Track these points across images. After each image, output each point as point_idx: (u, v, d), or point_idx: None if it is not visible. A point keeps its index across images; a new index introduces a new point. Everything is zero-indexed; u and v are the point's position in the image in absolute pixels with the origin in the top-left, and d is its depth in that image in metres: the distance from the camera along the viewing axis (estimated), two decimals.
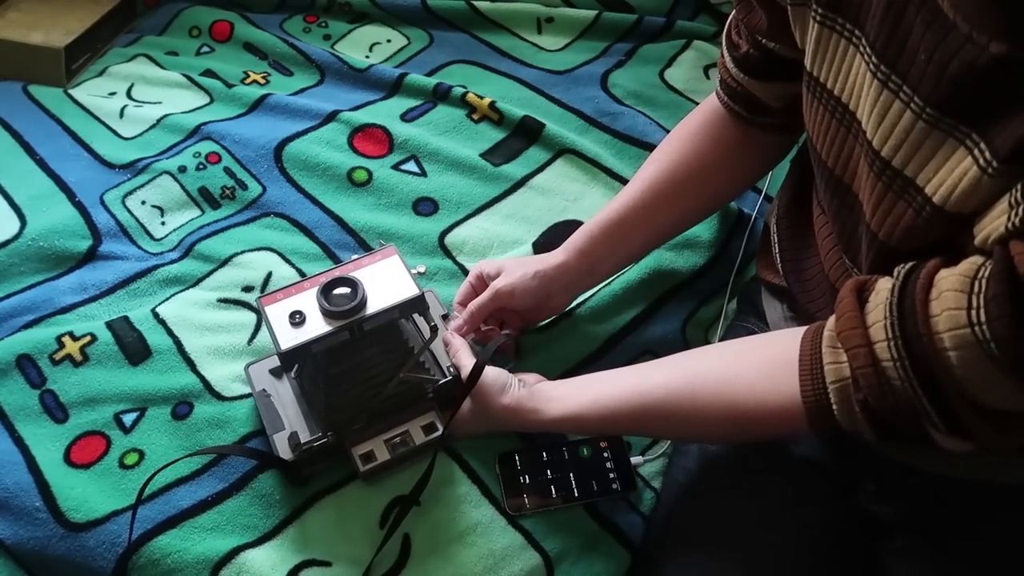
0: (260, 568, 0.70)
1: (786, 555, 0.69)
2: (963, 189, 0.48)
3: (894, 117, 0.52)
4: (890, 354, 0.50)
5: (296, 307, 0.69)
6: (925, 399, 0.50)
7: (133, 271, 0.92)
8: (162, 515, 0.72)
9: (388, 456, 0.74)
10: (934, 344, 0.48)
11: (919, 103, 0.50)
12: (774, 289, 0.81)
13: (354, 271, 0.71)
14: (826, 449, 0.75)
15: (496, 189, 1.02)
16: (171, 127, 1.08)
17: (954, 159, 0.49)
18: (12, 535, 0.71)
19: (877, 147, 0.54)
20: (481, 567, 0.71)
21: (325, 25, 1.29)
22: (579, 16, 1.27)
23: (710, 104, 0.82)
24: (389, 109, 1.11)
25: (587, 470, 0.77)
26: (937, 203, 0.50)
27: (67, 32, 1.19)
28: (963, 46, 0.46)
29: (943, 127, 0.49)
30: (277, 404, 0.76)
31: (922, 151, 0.51)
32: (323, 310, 0.68)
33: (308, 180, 1.01)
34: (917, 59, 0.49)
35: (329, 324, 0.68)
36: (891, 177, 0.54)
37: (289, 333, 0.67)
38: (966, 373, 0.47)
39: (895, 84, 0.52)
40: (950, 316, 0.47)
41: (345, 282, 0.70)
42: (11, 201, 0.98)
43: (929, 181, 0.51)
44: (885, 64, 0.52)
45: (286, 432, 0.74)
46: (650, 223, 0.84)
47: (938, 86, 0.48)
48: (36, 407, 0.80)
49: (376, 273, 0.71)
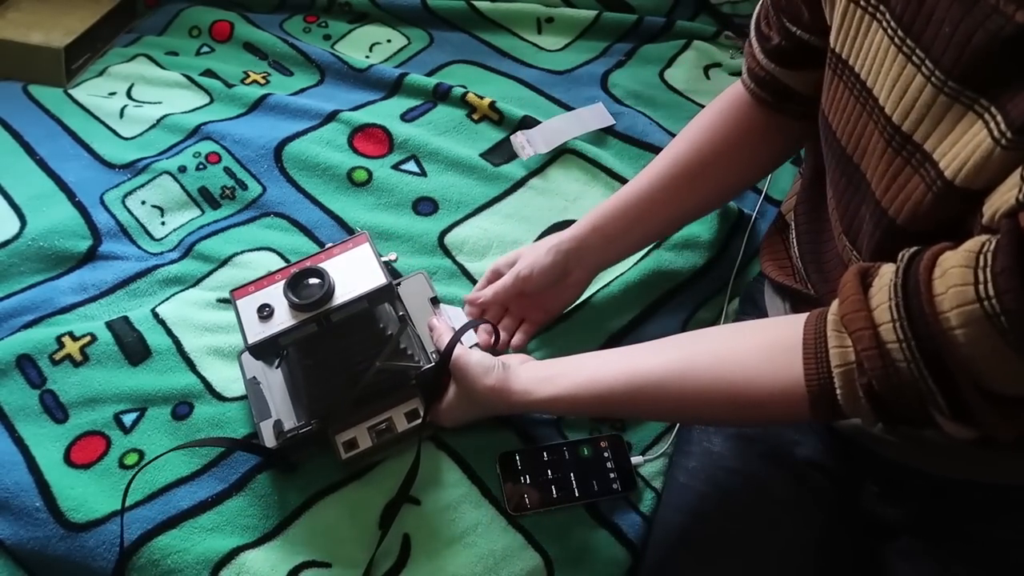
0: (260, 569, 0.70)
1: (789, 556, 0.69)
2: (975, 162, 0.48)
3: (915, 91, 0.52)
4: (895, 335, 0.50)
5: (265, 300, 0.68)
6: (931, 380, 0.49)
7: (133, 271, 0.92)
8: (162, 515, 0.72)
9: (371, 443, 0.74)
10: (940, 323, 0.47)
11: (940, 76, 0.50)
12: (778, 287, 0.81)
13: (324, 261, 0.70)
14: (828, 450, 0.75)
15: (496, 189, 1.02)
16: (171, 127, 1.08)
17: (971, 132, 0.49)
18: (12, 535, 0.71)
19: (898, 121, 0.54)
20: (481, 567, 0.71)
21: (325, 25, 1.29)
22: (579, 16, 1.27)
23: (735, 90, 0.81)
24: (389, 109, 1.11)
25: (587, 470, 0.77)
26: (948, 177, 0.50)
27: (67, 32, 1.19)
28: (989, 16, 0.46)
29: (964, 100, 0.49)
30: (266, 392, 0.77)
31: (942, 125, 0.51)
32: (291, 303, 0.67)
33: (308, 180, 1.01)
34: (941, 31, 0.49)
35: (296, 317, 0.67)
36: (911, 152, 0.53)
37: (257, 327, 0.67)
38: (974, 351, 0.47)
39: (918, 57, 0.52)
40: (956, 293, 0.46)
41: (313, 273, 0.68)
42: (11, 201, 0.98)
43: (945, 154, 0.51)
44: (909, 37, 0.52)
45: (272, 420, 0.74)
46: (669, 203, 0.83)
47: (961, 58, 0.48)
48: (36, 407, 0.80)
49: (345, 263, 0.70)
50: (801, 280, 0.78)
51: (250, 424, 0.78)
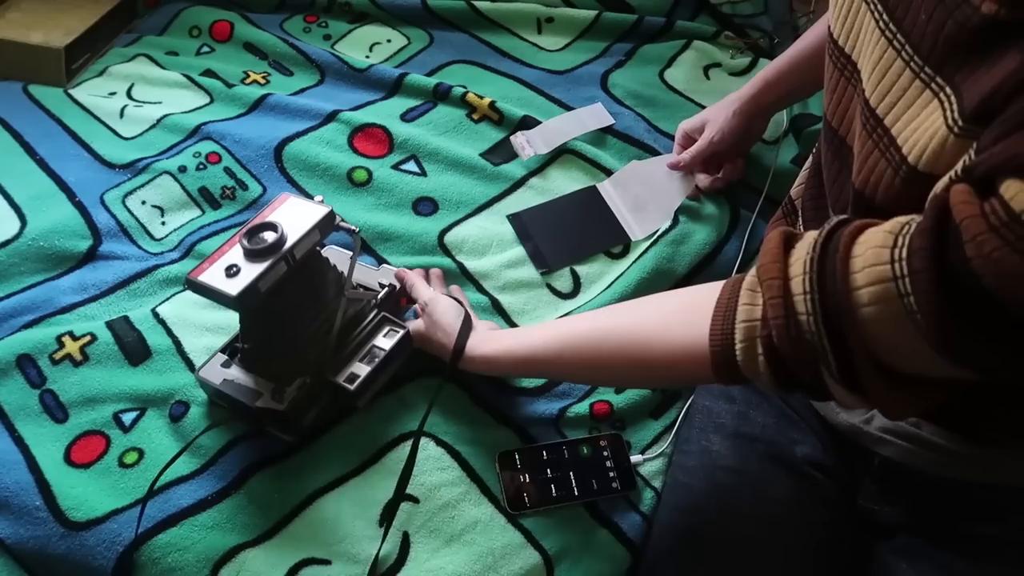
0: (260, 566, 0.70)
1: (788, 555, 0.69)
2: (933, 148, 0.48)
3: (893, 75, 0.53)
4: (805, 308, 0.50)
5: (227, 263, 0.70)
6: (829, 350, 0.49)
7: (133, 271, 0.92)
8: (162, 513, 0.72)
9: (368, 368, 0.78)
10: (851, 299, 0.48)
11: (918, 62, 0.51)
12: None
13: (262, 219, 0.74)
14: (828, 449, 0.75)
15: (496, 188, 1.02)
16: (171, 127, 1.08)
17: (931, 118, 0.49)
18: (12, 534, 0.71)
19: (874, 104, 0.55)
20: (481, 566, 0.71)
21: (325, 25, 1.29)
22: (579, 16, 1.27)
23: None
24: (389, 109, 1.11)
25: (587, 469, 0.77)
26: (911, 162, 0.50)
27: (67, 32, 1.19)
28: (959, 6, 0.47)
29: (933, 87, 0.50)
30: (242, 384, 0.78)
31: (911, 109, 0.51)
32: (253, 253, 0.70)
33: (308, 180, 1.01)
34: (919, 19, 0.50)
35: (263, 262, 0.70)
36: (880, 135, 0.54)
37: (232, 283, 0.69)
38: (879, 329, 0.47)
39: (899, 43, 0.52)
40: (871, 272, 0.47)
41: (263, 227, 0.72)
42: (11, 201, 0.98)
43: (908, 139, 0.51)
44: (892, 22, 0.53)
45: (266, 395, 0.75)
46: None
47: (935, 47, 0.49)
48: (36, 407, 0.80)
49: (283, 214, 0.74)
50: None
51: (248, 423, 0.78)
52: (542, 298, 0.93)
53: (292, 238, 0.72)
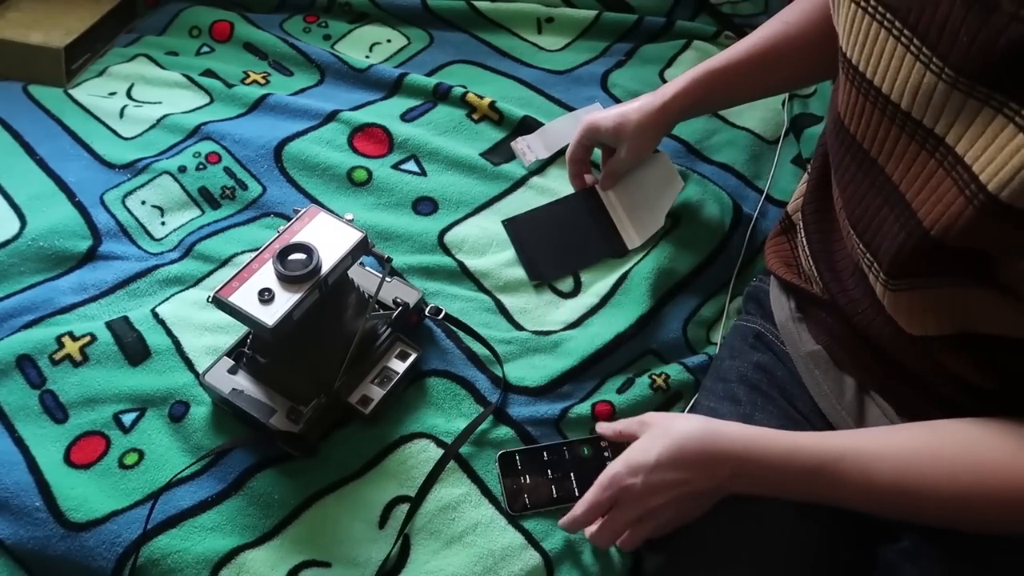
0: (260, 568, 0.70)
1: (791, 557, 0.69)
2: (1014, 166, 0.47)
3: (928, 87, 0.53)
4: None
5: (260, 286, 0.70)
6: None
7: (133, 271, 0.92)
8: (162, 515, 0.72)
9: (382, 392, 0.78)
10: None
11: (951, 73, 0.50)
12: (784, 285, 0.80)
13: (293, 239, 0.73)
14: None
15: (496, 188, 1.02)
16: (171, 127, 1.08)
17: (1003, 136, 0.49)
18: (12, 535, 0.71)
19: (917, 116, 0.54)
20: (481, 567, 0.71)
21: (325, 25, 1.29)
22: (579, 16, 1.27)
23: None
24: (389, 109, 1.11)
25: (587, 470, 0.77)
26: (991, 190, 0.49)
27: (67, 32, 1.19)
28: (1009, 25, 0.47)
29: (977, 95, 0.50)
30: (252, 396, 0.77)
31: (970, 123, 0.51)
32: (287, 279, 0.70)
33: (308, 180, 1.01)
34: (958, 41, 0.50)
35: (298, 290, 0.70)
36: (934, 145, 0.53)
37: (268, 310, 0.69)
38: None
39: (925, 56, 0.52)
40: None
41: (295, 248, 0.72)
42: (11, 201, 0.98)
43: (978, 158, 0.50)
44: (915, 37, 0.53)
45: (280, 412, 0.75)
46: (751, 76, 0.89)
47: (987, 65, 0.49)
48: (36, 407, 0.79)
49: (315, 234, 0.74)
50: (807, 280, 0.78)
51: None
52: (543, 297, 0.93)
53: (327, 265, 0.71)
